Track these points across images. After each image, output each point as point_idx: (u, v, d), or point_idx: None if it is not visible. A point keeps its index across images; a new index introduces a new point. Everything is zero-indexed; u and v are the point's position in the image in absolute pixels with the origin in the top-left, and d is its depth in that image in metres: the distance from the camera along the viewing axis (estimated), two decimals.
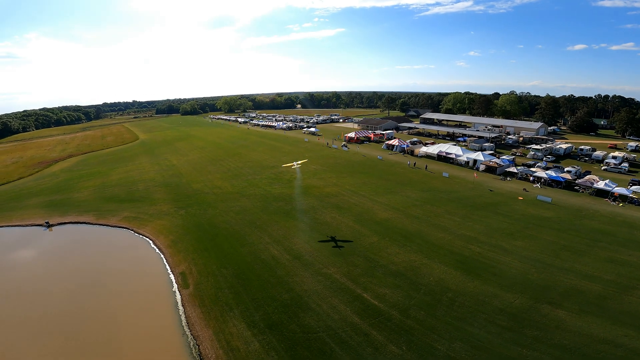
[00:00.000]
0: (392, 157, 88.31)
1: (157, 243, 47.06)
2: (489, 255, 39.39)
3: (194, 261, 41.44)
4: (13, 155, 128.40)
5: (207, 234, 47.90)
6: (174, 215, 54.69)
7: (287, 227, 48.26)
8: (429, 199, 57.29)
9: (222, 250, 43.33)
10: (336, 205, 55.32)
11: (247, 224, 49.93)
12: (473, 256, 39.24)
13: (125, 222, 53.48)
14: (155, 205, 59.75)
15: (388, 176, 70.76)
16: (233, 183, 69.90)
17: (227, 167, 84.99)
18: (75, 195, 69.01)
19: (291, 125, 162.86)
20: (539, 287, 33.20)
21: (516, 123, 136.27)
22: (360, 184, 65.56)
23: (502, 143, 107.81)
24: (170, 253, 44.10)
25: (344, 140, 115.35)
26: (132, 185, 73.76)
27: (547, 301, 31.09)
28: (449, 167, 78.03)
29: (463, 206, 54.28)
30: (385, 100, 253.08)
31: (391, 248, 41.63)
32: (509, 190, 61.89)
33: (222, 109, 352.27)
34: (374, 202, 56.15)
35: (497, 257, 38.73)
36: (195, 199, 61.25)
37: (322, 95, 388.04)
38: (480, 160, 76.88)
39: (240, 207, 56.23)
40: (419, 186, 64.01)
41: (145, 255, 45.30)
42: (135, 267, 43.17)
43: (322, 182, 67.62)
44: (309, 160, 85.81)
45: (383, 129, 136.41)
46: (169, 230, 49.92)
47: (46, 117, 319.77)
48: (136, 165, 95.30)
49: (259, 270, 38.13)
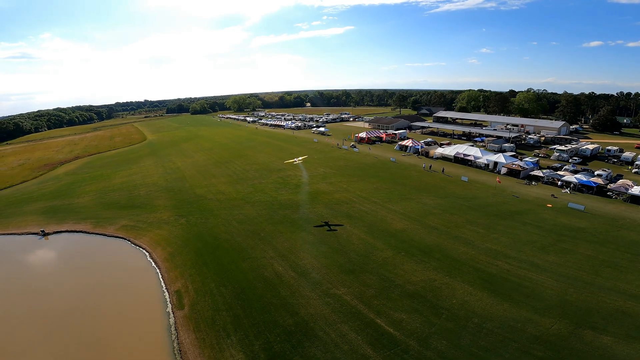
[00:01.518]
0: (406, 159, 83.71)
1: (153, 256, 43.97)
2: (520, 272, 35.17)
3: (191, 278, 38.20)
4: (20, 157, 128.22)
5: (208, 246, 44.61)
6: (174, 224, 51.59)
7: (293, 239, 44.61)
8: (447, 207, 52.93)
9: (222, 265, 39.97)
10: (346, 213, 51.41)
11: (251, 234, 46.47)
12: (501, 274, 35.08)
13: (123, 232, 50.62)
14: (156, 212, 56.80)
15: (402, 180, 66.38)
16: (237, 188, 66.53)
17: (233, 170, 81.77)
18: (76, 201, 66.73)
19: (300, 125, 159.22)
20: (579, 309, 29.08)
21: (536, 122, 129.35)
22: (372, 190, 61.42)
23: (522, 143, 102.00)
24: (167, 268, 40.92)
25: (354, 140, 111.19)
26: (133, 189, 71.18)
27: (590, 326, 27.13)
28: (467, 170, 73.22)
29: (486, 215, 49.79)
30: (396, 99, 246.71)
31: (408, 264, 37.65)
32: (536, 196, 57.00)
33: (232, 108, 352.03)
34: (388, 210, 52.06)
35: (529, 275, 34.53)
36: (197, 206, 58.10)
37: (332, 93, 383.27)
38: (502, 162, 71.82)
39: (244, 215, 52.80)
40: (435, 192, 59.57)
41: (139, 270, 42.24)
42: (128, 283, 40.07)
43: (331, 187, 63.70)
44: (317, 162, 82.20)
45: (395, 128, 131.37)
46: (167, 241, 46.81)
47: (58, 117, 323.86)
48: (140, 168, 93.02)
49: (261, 290, 34.66)
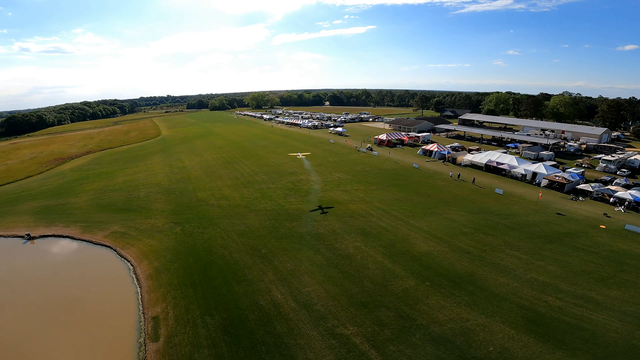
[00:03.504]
0: (431, 166, 75.49)
1: (137, 271, 38.33)
2: (574, 311, 28.36)
3: (174, 301, 32.34)
4: (35, 150, 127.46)
5: (200, 262, 38.63)
6: (168, 233, 45.97)
7: (298, 258, 38.03)
8: (481, 225, 45.10)
9: (213, 287, 33.90)
10: (362, 229, 44.38)
11: (250, 251, 40.21)
12: (551, 313, 28.24)
13: (111, 239, 45.40)
14: (151, 217, 51.46)
15: (427, 191, 58.54)
16: (243, 193, 60.49)
17: (241, 171, 75.95)
18: (72, 201, 62.48)
19: (317, 124, 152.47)
20: None
21: (574, 127, 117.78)
22: (392, 201, 54.03)
23: (560, 151, 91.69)
24: (149, 287, 35.15)
25: (374, 142, 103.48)
26: (134, 190, 66.41)
27: None
28: (501, 180, 64.58)
29: (528, 237, 41.81)
30: (418, 99, 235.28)
31: (433, 298, 30.64)
32: (585, 214, 48.29)
33: (250, 104, 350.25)
34: (410, 227, 44.72)
35: (587, 315, 27.85)
36: (197, 212, 52.38)
37: (352, 92, 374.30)
38: (542, 173, 62.82)
39: (246, 226, 46.62)
40: (466, 206, 51.66)
41: (118, 287, 36.72)
42: (101, 304, 34.39)
43: (346, 195, 56.68)
44: (333, 166, 75.35)
45: (418, 130, 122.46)
46: (156, 253, 41.14)
47: (82, 111, 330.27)
48: (147, 166, 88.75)
49: (254, 323, 28.48)
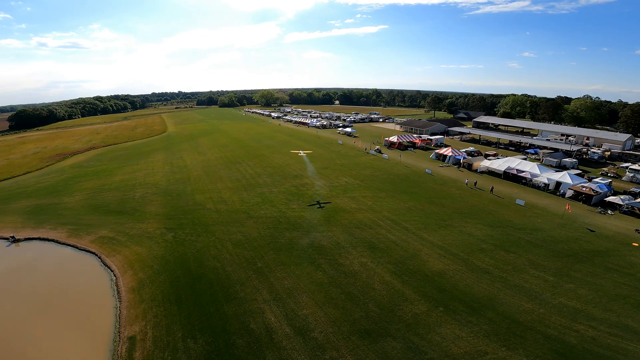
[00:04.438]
0: (445, 172, 70.72)
1: (119, 283, 34.87)
2: (609, 341, 24.71)
3: (154, 320, 28.80)
4: (39, 145, 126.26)
5: (189, 275, 35.01)
6: (158, 240, 42.48)
7: (296, 275, 34.11)
8: (501, 240, 40.57)
9: (200, 305, 30.26)
10: (369, 243, 40.21)
11: (245, 263, 36.44)
12: (583, 344, 24.47)
13: (97, 245, 42.11)
14: (143, 222, 48.09)
15: (440, 199, 53.94)
16: (243, 197, 56.75)
17: (243, 173, 72.31)
18: (65, 200, 59.63)
19: (325, 124, 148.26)
20: None
21: (596, 133, 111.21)
22: (403, 210, 49.67)
23: (583, 158, 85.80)
24: (129, 302, 31.65)
25: (384, 144, 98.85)
26: (130, 190, 63.28)
27: None
28: (521, 189, 59.59)
29: (554, 255, 37.29)
30: (430, 100, 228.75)
31: (447, 326, 26.60)
32: (616, 230, 43.39)
33: (259, 102, 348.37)
34: (423, 242, 40.40)
35: (623, 345, 24.43)
36: (192, 217, 48.83)
37: (362, 92, 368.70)
38: (567, 183, 57.65)
39: (243, 235, 42.85)
40: (484, 218, 47.06)
41: (96, 300, 33.39)
42: (75, 317, 31.00)
43: (353, 203, 52.48)
44: (340, 169, 71.27)
45: (430, 133, 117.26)
46: (142, 263, 37.65)
47: (93, 106, 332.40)
48: (147, 164, 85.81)
49: (241, 351, 24.85)
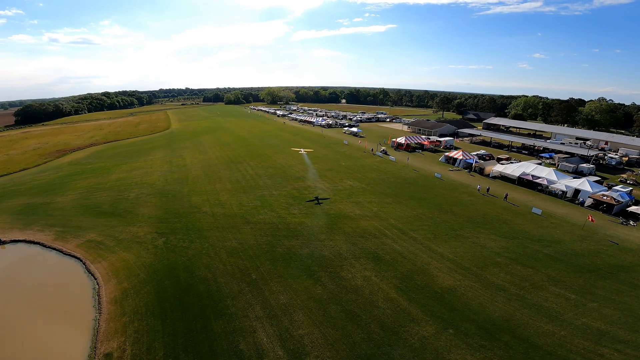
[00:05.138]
0: (455, 176, 67.06)
1: (102, 292, 32.20)
2: None
3: (135, 335, 26.12)
4: (41, 140, 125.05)
5: (177, 285, 32.23)
6: (148, 245, 39.78)
7: (293, 289, 31.16)
8: (517, 253, 37.23)
9: (187, 320, 27.47)
10: (374, 254, 37.09)
11: (238, 274, 33.58)
12: None
13: (83, 250, 39.54)
14: (134, 225, 45.46)
15: (451, 207, 50.50)
16: (242, 199, 53.87)
17: (244, 173, 69.46)
18: (57, 200, 57.29)
19: (331, 123, 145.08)
20: None
21: (613, 137, 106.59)
22: (411, 218, 46.39)
23: (599, 163, 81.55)
24: (110, 314, 28.95)
25: (391, 145, 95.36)
26: (124, 190, 60.75)
27: None
28: (536, 196, 55.91)
29: (576, 270, 34.03)
30: (439, 100, 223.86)
31: (457, 351, 23.66)
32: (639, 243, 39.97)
33: (265, 99, 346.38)
34: (432, 254, 37.19)
35: None
36: (186, 221, 46.09)
37: (369, 91, 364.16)
38: (587, 191, 53.91)
39: (239, 242, 39.98)
40: (498, 228, 43.63)
41: (74, 311, 30.90)
42: (48, 330, 28.32)
43: (358, 209, 49.32)
44: (345, 172, 68.15)
45: (439, 134, 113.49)
46: (128, 271, 34.96)
47: (100, 101, 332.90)
48: (146, 162, 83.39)
49: None
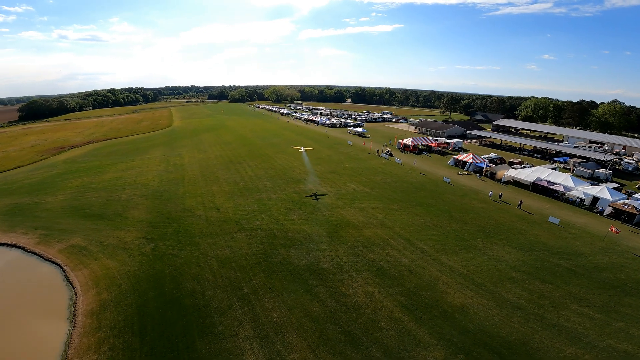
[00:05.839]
0: (465, 181, 63.46)
1: (78, 303, 29.49)
2: None
3: (109, 353, 23.68)
4: (41, 137, 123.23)
5: (161, 298, 29.37)
6: (134, 252, 36.98)
7: (288, 305, 28.14)
8: (535, 267, 33.90)
9: (168, 339, 24.65)
10: (378, 267, 33.93)
11: (229, 287, 30.64)
12: None
13: (65, 255, 36.88)
14: (122, 229, 42.71)
15: (461, 214, 47.11)
16: (238, 203, 50.91)
17: (242, 174, 66.50)
18: (46, 200, 54.81)
19: (335, 122, 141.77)
20: None
21: (629, 141, 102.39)
22: (419, 227, 43.09)
23: (615, 168, 77.59)
24: (84, 328, 26.24)
25: (397, 147, 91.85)
26: (117, 190, 58.07)
27: None
28: (552, 204, 52.34)
29: (599, 286, 30.88)
30: (447, 101, 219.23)
31: None
32: None
33: (270, 98, 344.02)
34: (441, 267, 33.96)
35: None
36: (178, 226, 43.23)
37: (374, 90, 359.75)
38: (606, 199, 50.31)
39: (232, 250, 37.04)
40: (513, 238, 40.25)
41: (48, 323, 28.31)
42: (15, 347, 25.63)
43: (361, 215, 46.11)
44: (348, 174, 65.02)
45: (447, 135, 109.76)
46: (110, 280, 32.18)
47: (105, 98, 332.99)
48: (143, 161, 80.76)
49: None
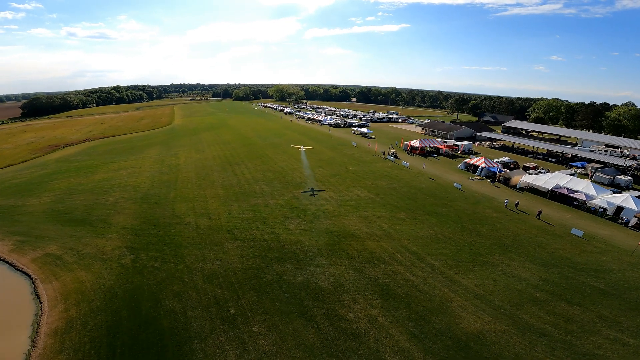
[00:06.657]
0: (477, 187, 59.15)
1: (42, 321, 26.01)
2: None
3: None
4: (38, 134, 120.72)
5: (136, 318, 25.76)
6: (113, 263, 33.42)
7: (280, 331, 24.37)
8: (559, 287, 29.86)
9: None
10: (382, 286, 30.01)
11: (214, 307, 26.93)
12: None
13: (37, 265, 33.47)
14: (104, 236, 39.18)
15: (475, 225, 42.92)
16: (232, 209, 47.21)
17: (239, 177, 62.80)
18: (29, 202, 51.58)
19: (340, 122, 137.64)
20: None
21: None
22: (428, 239, 39.05)
23: (635, 175, 72.98)
24: (45, 349, 22.83)
25: (404, 149, 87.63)
26: (105, 193, 54.63)
27: None
28: (573, 213, 48.05)
29: (630, 307, 27.10)
30: (454, 101, 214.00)
31: None
32: None
33: (274, 96, 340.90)
34: (454, 287, 29.97)
35: None
36: (164, 234, 39.59)
37: (380, 90, 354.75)
38: (632, 209, 45.96)
39: (220, 264, 33.34)
40: (533, 253, 36.12)
41: (5, 342, 24.77)
42: None
43: (365, 226, 42.15)
44: (352, 178, 61.15)
45: (456, 137, 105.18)
46: (81, 295, 28.61)
47: (109, 95, 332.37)
48: (137, 161, 77.42)
49: None
